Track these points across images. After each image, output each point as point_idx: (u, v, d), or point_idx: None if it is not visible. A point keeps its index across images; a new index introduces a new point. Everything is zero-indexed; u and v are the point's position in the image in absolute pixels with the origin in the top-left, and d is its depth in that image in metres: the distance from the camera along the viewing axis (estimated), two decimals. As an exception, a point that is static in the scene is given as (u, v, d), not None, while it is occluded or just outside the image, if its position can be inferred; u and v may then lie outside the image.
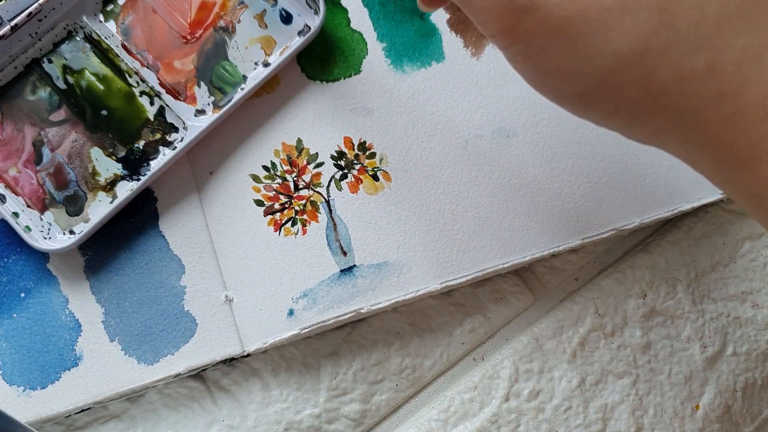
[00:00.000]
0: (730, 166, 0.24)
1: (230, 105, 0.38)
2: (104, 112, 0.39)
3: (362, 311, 0.37)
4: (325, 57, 0.41)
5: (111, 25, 0.40)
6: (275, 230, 0.38)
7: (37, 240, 0.37)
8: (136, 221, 0.38)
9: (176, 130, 0.39)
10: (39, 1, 0.38)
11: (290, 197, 0.39)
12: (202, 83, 0.39)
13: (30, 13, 0.38)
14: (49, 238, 0.37)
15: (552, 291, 0.41)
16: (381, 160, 0.39)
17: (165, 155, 0.38)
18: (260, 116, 0.40)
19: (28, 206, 0.38)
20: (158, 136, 0.39)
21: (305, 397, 0.38)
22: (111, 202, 0.38)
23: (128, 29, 0.40)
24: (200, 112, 0.39)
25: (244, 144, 0.39)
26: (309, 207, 0.39)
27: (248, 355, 0.37)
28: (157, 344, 0.37)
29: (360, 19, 0.41)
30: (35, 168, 0.38)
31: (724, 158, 0.24)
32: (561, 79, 0.25)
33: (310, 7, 0.40)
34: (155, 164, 0.38)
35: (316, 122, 0.40)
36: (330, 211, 0.39)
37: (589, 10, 0.23)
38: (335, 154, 0.39)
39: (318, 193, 0.39)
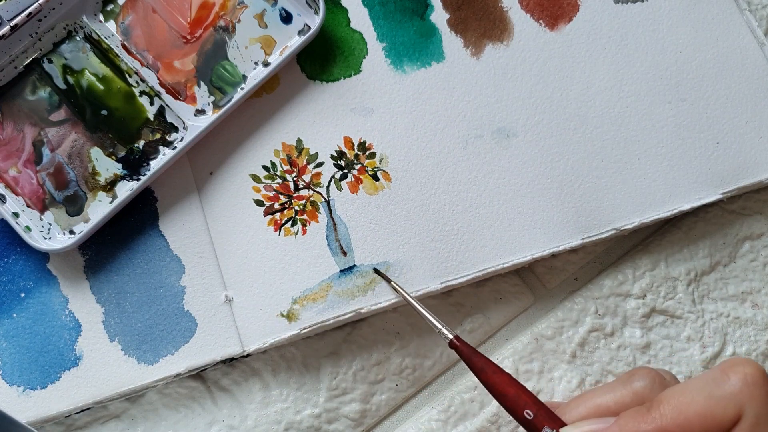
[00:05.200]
0: None
1: (230, 105, 0.38)
2: (104, 112, 0.39)
3: (362, 311, 0.37)
4: (325, 57, 0.41)
5: (111, 25, 0.40)
6: (275, 230, 0.38)
7: (37, 240, 0.37)
8: (136, 221, 0.38)
9: (176, 130, 0.39)
10: (39, 1, 0.38)
11: (290, 197, 0.39)
12: (202, 83, 0.39)
13: (30, 13, 0.38)
14: (49, 238, 0.37)
15: (552, 291, 0.41)
16: (381, 160, 0.39)
17: (165, 155, 0.38)
18: (260, 116, 0.40)
19: (28, 206, 0.38)
20: (158, 136, 0.39)
21: (305, 397, 0.38)
22: (111, 202, 0.38)
23: (128, 29, 0.40)
24: (200, 111, 0.39)
25: (244, 144, 0.39)
26: (309, 207, 0.39)
27: (248, 355, 0.37)
28: (157, 344, 0.37)
29: (360, 19, 0.41)
30: (35, 168, 0.38)
31: None
32: None
33: (310, 7, 0.40)
34: (155, 164, 0.38)
35: (316, 122, 0.40)
36: (330, 211, 0.39)
37: None
38: (335, 154, 0.39)
39: (318, 193, 0.39)
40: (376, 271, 0.37)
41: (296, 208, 0.39)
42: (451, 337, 0.33)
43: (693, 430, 0.26)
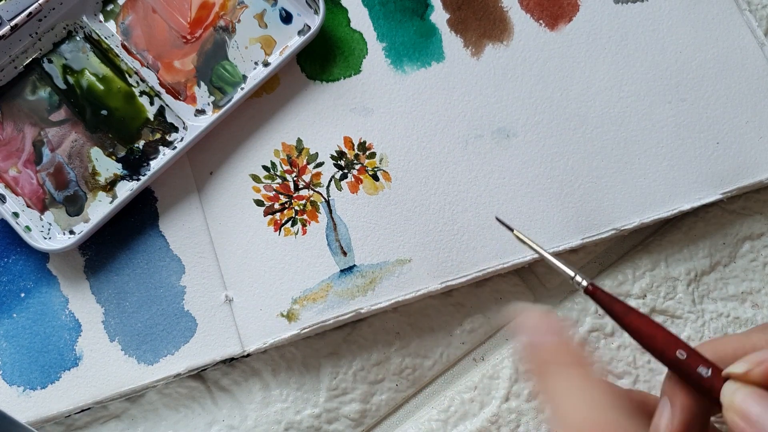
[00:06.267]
0: None
1: (230, 105, 0.38)
2: (104, 112, 0.39)
3: (362, 311, 0.37)
4: (325, 57, 0.41)
5: (111, 25, 0.40)
6: (275, 230, 0.38)
7: (37, 240, 0.37)
8: (136, 221, 0.38)
9: (176, 130, 0.39)
10: (39, 1, 0.38)
11: (290, 197, 0.39)
12: (202, 83, 0.39)
13: (30, 13, 0.38)
14: (49, 238, 0.37)
15: (552, 291, 0.41)
16: (381, 160, 0.39)
17: (165, 155, 0.38)
18: (260, 116, 0.40)
19: (28, 206, 0.38)
20: (158, 136, 0.39)
21: (305, 397, 0.38)
22: (111, 202, 0.38)
23: (128, 29, 0.40)
24: (200, 111, 0.39)
25: (244, 144, 0.39)
26: (309, 207, 0.39)
27: (248, 355, 0.37)
28: (157, 344, 0.37)
29: (360, 19, 0.41)
30: (35, 168, 0.38)
31: None
32: None
33: (310, 7, 0.40)
34: (155, 164, 0.38)
35: (316, 122, 0.40)
36: (330, 211, 0.39)
37: None
38: (335, 154, 0.39)
39: (318, 193, 0.39)
40: (498, 219, 0.35)
41: (296, 208, 0.39)
42: (585, 284, 0.31)
43: None
